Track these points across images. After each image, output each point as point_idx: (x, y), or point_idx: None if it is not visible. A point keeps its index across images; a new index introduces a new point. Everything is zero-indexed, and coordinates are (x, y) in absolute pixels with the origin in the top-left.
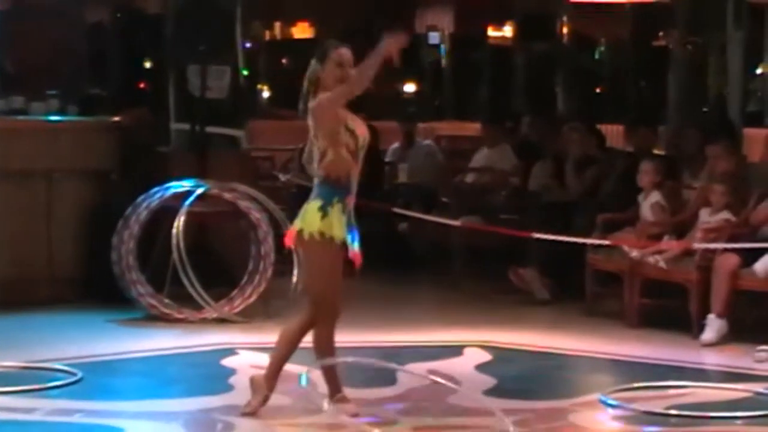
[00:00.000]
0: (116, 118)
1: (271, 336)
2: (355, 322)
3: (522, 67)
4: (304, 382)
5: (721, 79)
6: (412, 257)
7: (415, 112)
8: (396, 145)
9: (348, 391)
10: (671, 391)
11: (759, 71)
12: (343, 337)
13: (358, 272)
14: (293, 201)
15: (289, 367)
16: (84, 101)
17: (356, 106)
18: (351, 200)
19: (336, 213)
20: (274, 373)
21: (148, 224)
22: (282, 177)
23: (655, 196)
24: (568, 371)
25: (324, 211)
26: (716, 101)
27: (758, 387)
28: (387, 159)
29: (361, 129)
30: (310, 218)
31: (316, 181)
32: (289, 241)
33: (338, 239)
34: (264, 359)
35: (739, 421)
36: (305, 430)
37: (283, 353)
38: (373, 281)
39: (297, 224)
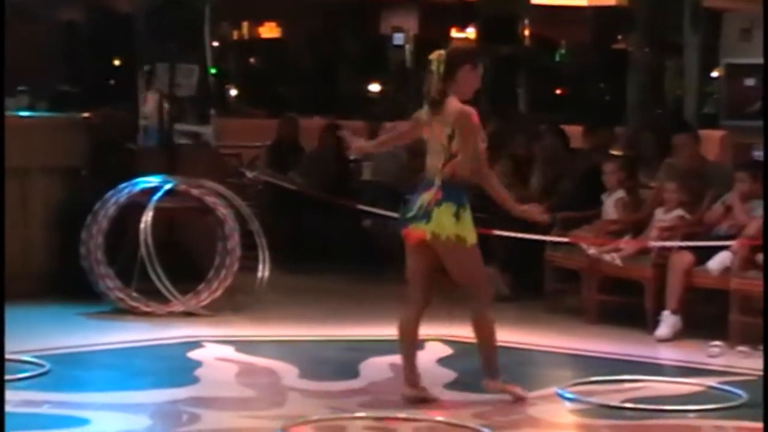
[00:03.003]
0: (86, 115)
1: (236, 329)
2: (321, 317)
3: (484, 68)
4: None
5: (678, 81)
6: (377, 253)
7: (381, 112)
8: None
9: (310, 384)
10: (627, 385)
11: (715, 74)
12: (307, 331)
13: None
14: (259, 197)
15: (256, 360)
16: (54, 98)
17: (322, 104)
18: (468, 201)
19: (467, 216)
20: (492, 365)
21: (117, 219)
22: (249, 174)
23: (620, 193)
24: (527, 365)
25: (457, 216)
26: (673, 103)
27: (711, 381)
28: (352, 157)
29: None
30: (445, 222)
31: (437, 179)
32: (412, 239)
33: (470, 242)
34: (230, 352)
35: (692, 414)
36: (270, 422)
37: (487, 347)
38: (338, 277)
39: (431, 227)
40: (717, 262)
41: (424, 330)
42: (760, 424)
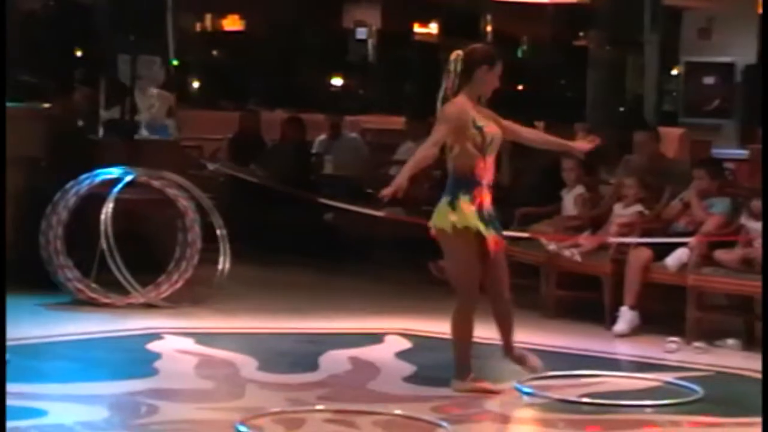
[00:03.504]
0: (46, 105)
1: (196, 321)
2: (281, 309)
3: (446, 63)
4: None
5: (638, 79)
6: (338, 247)
7: (342, 105)
8: (323, 137)
9: (270, 377)
10: (585, 380)
11: (674, 72)
12: (267, 324)
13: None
14: (221, 190)
15: (216, 352)
16: (14, 88)
17: (284, 98)
18: (481, 193)
19: (465, 205)
20: (462, 364)
21: (77, 210)
22: (210, 166)
23: (579, 189)
24: (485, 359)
25: (453, 205)
26: (634, 100)
27: (668, 376)
28: (313, 150)
29: (491, 128)
30: (442, 214)
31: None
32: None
33: (473, 228)
34: (189, 344)
35: (648, 410)
36: (229, 414)
37: (458, 346)
38: (299, 270)
39: (433, 223)
40: (674, 259)
41: (384, 324)
42: (715, 419)
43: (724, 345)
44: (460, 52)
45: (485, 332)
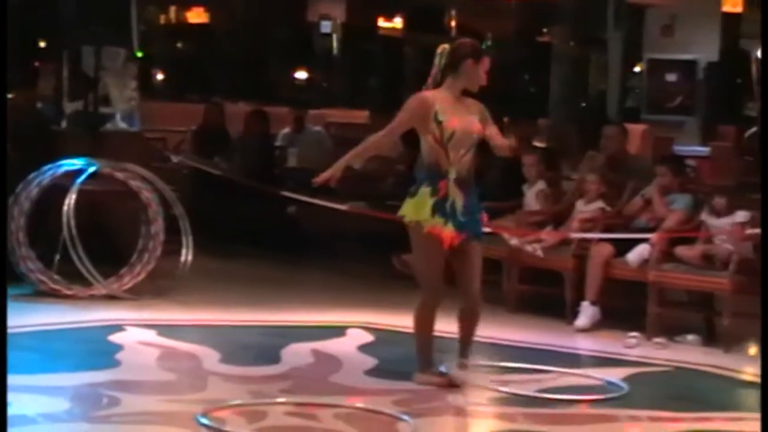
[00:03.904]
0: (9, 96)
1: (158, 313)
2: (243, 302)
3: (411, 57)
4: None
5: (601, 75)
6: (301, 240)
7: (306, 99)
8: (287, 130)
9: (232, 369)
10: (544, 375)
11: (637, 69)
12: (230, 316)
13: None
14: (184, 182)
15: (178, 345)
16: None
17: (249, 90)
18: (446, 185)
19: (422, 197)
20: (425, 358)
21: (39, 201)
22: (174, 158)
23: (541, 185)
24: (447, 354)
25: (412, 196)
26: (596, 97)
27: (628, 371)
28: (277, 144)
29: (455, 122)
30: (405, 206)
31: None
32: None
33: (423, 222)
34: (151, 336)
35: (608, 405)
36: (191, 406)
37: (420, 339)
38: (262, 263)
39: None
40: (636, 254)
41: (346, 317)
42: (675, 414)
43: (684, 341)
44: (446, 45)
45: (449, 326)
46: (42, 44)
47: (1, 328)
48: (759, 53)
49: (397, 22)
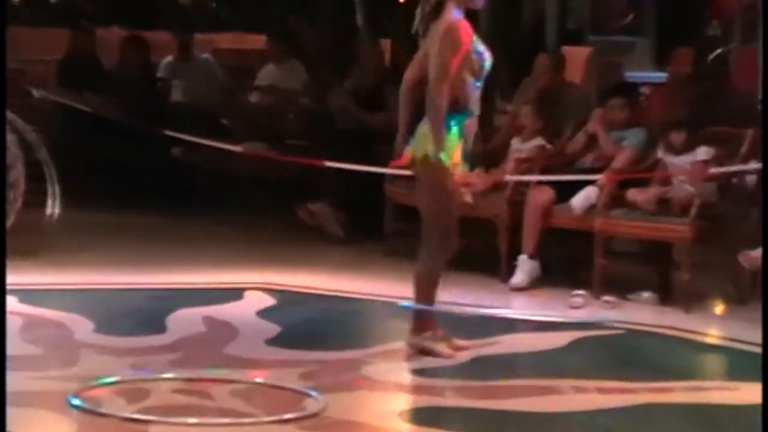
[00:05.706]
0: None
1: (20, 276)
2: (121, 261)
3: None
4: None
5: None
6: (188, 187)
7: (190, 23)
8: (169, 58)
9: (109, 340)
10: (478, 341)
11: None
12: (105, 278)
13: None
14: (49, 121)
15: (44, 312)
16: None
17: (123, 13)
18: (470, 125)
19: (453, 140)
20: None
21: None
22: (36, 93)
23: None
24: (363, 317)
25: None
26: (532, 18)
27: (572, 335)
28: (159, 75)
29: (487, 52)
30: (427, 145)
31: None
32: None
33: (455, 169)
34: (12, 303)
35: (552, 374)
36: (62, 384)
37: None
38: (141, 214)
39: (413, 149)
40: (580, 199)
41: (243, 277)
42: (625, 384)
43: (638, 299)
44: None
45: (364, 285)
46: None
47: (0, 328)
48: None
49: None
